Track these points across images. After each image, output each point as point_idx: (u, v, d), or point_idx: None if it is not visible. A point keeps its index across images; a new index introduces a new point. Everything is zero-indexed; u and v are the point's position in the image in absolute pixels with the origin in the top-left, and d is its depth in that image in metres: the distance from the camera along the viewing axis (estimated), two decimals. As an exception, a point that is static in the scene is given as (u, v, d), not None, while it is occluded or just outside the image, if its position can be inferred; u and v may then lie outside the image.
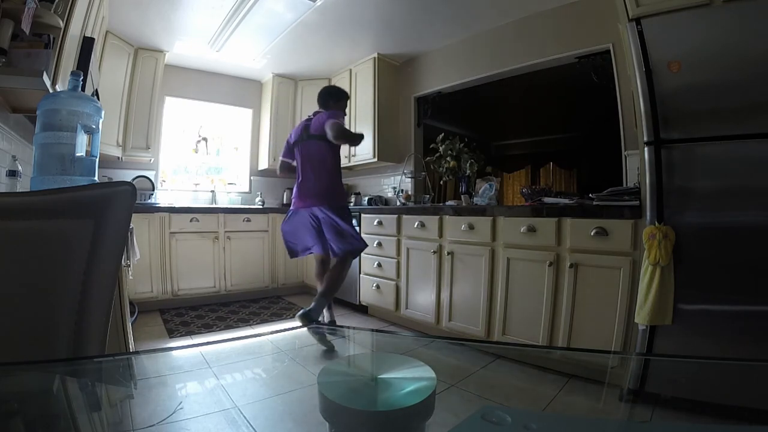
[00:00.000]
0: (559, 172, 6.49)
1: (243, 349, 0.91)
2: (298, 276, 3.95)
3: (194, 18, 2.99)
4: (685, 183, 1.51)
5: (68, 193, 0.68)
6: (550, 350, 1.99)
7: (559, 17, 2.65)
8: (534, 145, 6.47)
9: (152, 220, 3.15)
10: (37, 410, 0.48)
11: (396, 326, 2.85)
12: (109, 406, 0.57)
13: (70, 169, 1.32)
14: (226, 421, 0.54)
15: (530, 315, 2.02)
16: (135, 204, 0.72)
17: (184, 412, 0.55)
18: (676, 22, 1.52)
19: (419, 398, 0.31)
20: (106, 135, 2.78)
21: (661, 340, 1.53)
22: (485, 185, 2.77)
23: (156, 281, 3.15)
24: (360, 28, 3.19)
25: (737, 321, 1.42)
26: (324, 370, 0.36)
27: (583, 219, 1.85)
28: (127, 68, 3.30)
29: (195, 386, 0.66)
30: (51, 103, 1.33)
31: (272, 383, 0.72)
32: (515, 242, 2.11)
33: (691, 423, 0.50)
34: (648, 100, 1.55)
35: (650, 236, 1.52)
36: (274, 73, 4.12)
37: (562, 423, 0.40)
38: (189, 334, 2.60)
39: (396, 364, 0.39)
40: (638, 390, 0.58)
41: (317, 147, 2.31)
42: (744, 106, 1.40)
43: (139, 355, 1.23)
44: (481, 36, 3.15)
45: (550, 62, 2.75)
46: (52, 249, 0.64)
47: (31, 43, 1.43)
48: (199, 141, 4.20)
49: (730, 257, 1.43)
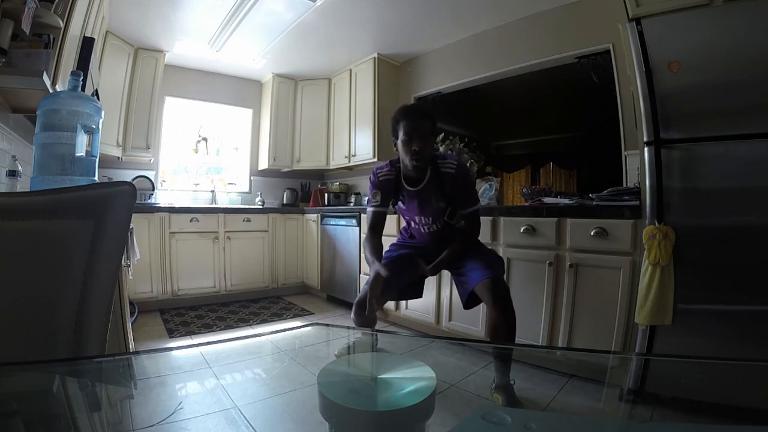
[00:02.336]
0: (559, 172, 6.49)
1: (243, 349, 0.91)
2: (298, 276, 3.95)
3: (194, 18, 2.99)
4: (685, 183, 1.51)
5: (68, 193, 0.68)
6: (550, 350, 1.99)
7: (559, 17, 2.65)
8: (534, 145, 6.46)
9: (152, 220, 3.15)
10: (37, 410, 0.48)
11: (396, 326, 2.85)
12: (109, 406, 0.57)
13: (70, 169, 1.33)
14: (226, 421, 0.54)
15: (530, 315, 2.01)
16: (135, 204, 0.72)
17: (184, 412, 0.55)
18: (676, 22, 1.52)
19: (419, 398, 0.31)
20: (106, 135, 2.78)
21: (661, 340, 1.53)
22: (485, 185, 2.76)
23: (156, 281, 3.15)
24: (360, 28, 3.19)
25: (737, 321, 1.42)
26: (324, 370, 0.36)
27: (583, 219, 1.85)
28: (127, 68, 3.30)
29: (195, 386, 0.66)
30: (51, 103, 1.33)
31: (272, 383, 0.72)
32: (515, 242, 2.11)
33: (691, 423, 0.50)
34: (648, 100, 1.55)
35: (650, 236, 1.52)
36: (274, 73, 4.12)
37: (562, 423, 0.40)
38: (189, 334, 2.60)
39: (396, 364, 0.39)
40: (638, 390, 0.58)
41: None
42: (744, 106, 1.40)
43: (139, 355, 1.23)
44: (481, 36, 3.15)
45: (550, 62, 2.75)
46: (52, 249, 0.64)
47: (31, 43, 1.43)
48: (199, 141, 4.20)
49: (730, 257, 1.43)
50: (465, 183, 1.59)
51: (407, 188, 1.62)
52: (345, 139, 3.94)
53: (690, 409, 0.46)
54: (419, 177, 1.58)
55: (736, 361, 0.86)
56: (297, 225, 3.96)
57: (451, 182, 1.55)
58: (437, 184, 1.57)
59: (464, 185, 1.59)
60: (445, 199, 1.58)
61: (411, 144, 1.49)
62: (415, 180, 1.59)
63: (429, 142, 1.53)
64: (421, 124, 1.50)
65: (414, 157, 1.50)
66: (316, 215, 3.76)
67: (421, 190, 1.59)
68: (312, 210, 3.88)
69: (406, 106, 1.60)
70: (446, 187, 1.56)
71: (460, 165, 1.58)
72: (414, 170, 1.54)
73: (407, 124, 1.50)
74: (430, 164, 1.57)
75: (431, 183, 1.57)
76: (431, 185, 1.58)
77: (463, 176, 1.58)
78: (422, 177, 1.58)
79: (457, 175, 1.55)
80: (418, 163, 1.51)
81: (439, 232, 1.66)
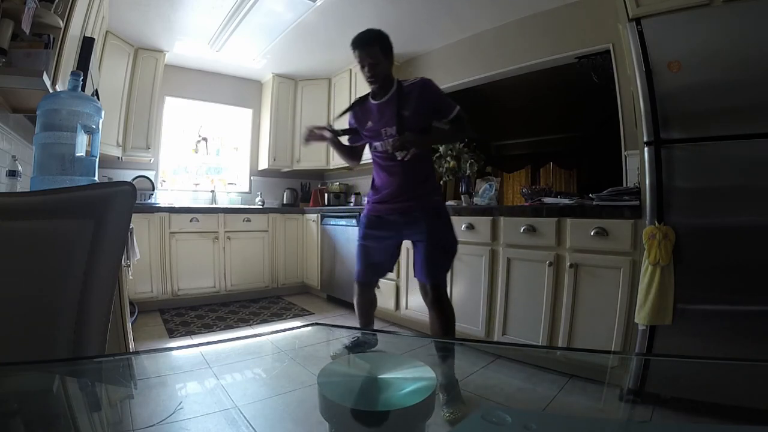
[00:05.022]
0: (559, 172, 6.49)
1: (243, 349, 0.91)
2: (298, 276, 3.95)
3: (194, 18, 2.99)
4: (685, 183, 1.51)
5: (68, 193, 0.68)
6: (550, 350, 1.99)
7: (559, 17, 2.65)
8: (534, 145, 6.45)
9: (152, 220, 3.15)
10: (37, 410, 0.48)
11: (396, 326, 2.85)
12: (109, 406, 0.57)
13: (70, 169, 1.32)
14: (226, 421, 0.54)
15: (530, 315, 2.02)
16: (135, 204, 0.72)
17: (184, 412, 0.55)
18: (676, 22, 1.52)
19: (419, 398, 0.31)
20: (106, 135, 2.78)
21: (661, 340, 1.53)
22: (485, 185, 2.77)
23: (156, 281, 3.15)
24: (360, 28, 3.16)
25: (737, 321, 1.42)
26: (324, 370, 0.36)
27: (583, 219, 1.85)
28: (127, 68, 3.30)
29: (195, 386, 0.66)
30: (51, 103, 1.33)
31: (272, 383, 0.72)
32: (515, 242, 2.11)
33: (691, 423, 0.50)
34: (648, 100, 1.55)
35: (650, 236, 1.52)
36: (274, 73, 4.12)
37: (562, 423, 0.40)
38: (189, 334, 2.60)
39: (396, 364, 0.39)
40: (638, 390, 0.58)
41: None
42: (744, 106, 1.40)
43: (139, 355, 1.23)
44: (481, 36, 3.15)
45: (550, 62, 2.75)
46: (52, 249, 0.64)
47: (31, 43, 1.43)
48: (199, 141, 4.20)
49: (730, 257, 1.43)
50: (433, 89, 1.69)
51: (372, 102, 1.74)
52: (345, 139, 3.93)
53: (690, 409, 0.46)
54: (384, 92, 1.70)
55: (736, 361, 0.86)
56: (297, 225, 3.96)
57: (419, 92, 1.65)
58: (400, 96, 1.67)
59: (434, 92, 1.69)
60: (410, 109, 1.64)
61: (363, 71, 1.67)
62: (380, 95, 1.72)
63: (381, 64, 1.65)
64: (367, 51, 1.63)
65: (368, 79, 1.67)
66: (316, 215, 3.76)
67: (386, 102, 1.69)
68: (312, 210, 3.88)
69: (355, 37, 1.69)
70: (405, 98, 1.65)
71: (423, 79, 1.70)
72: (376, 89, 1.70)
73: (357, 54, 1.65)
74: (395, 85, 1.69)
75: (395, 96, 1.68)
76: (394, 97, 1.68)
77: (428, 85, 1.68)
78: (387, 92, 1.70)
79: (422, 84, 1.67)
80: (374, 82, 1.67)
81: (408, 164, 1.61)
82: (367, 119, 1.75)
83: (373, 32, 1.66)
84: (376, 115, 1.71)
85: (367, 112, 1.75)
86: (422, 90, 1.65)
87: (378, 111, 1.70)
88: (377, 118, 1.70)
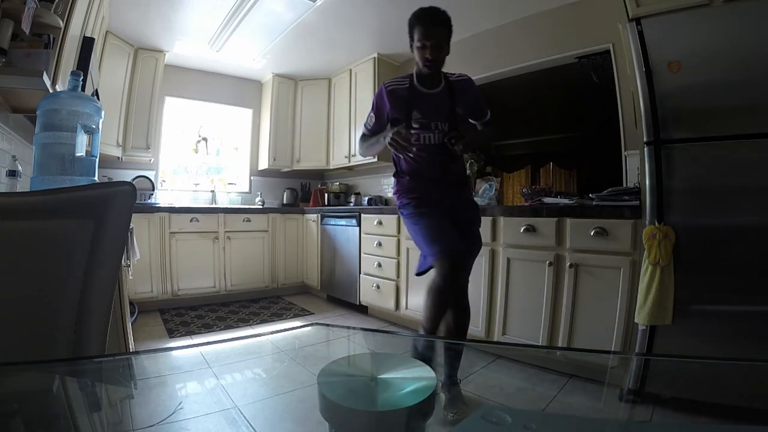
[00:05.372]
0: (559, 172, 6.48)
1: (243, 349, 0.91)
2: (298, 276, 3.95)
3: (194, 18, 2.99)
4: (685, 183, 1.51)
5: (68, 193, 0.68)
6: (550, 350, 1.99)
7: (559, 17, 2.65)
8: (534, 145, 6.45)
9: (152, 220, 3.15)
10: (37, 410, 0.48)
11: (396, 326, 2.85)
12: (109, 406, 0.57)
13: (70, 169, 1.32)
14: (226, 421, 0.54)
15: (530, 315, 2.01)
16: (135, 204, 0.72)
17: (184, 412, 0.55)
18: (676, 22, 1.52)
19: (419, 398, 0.31)
20: (106, 135, 2.78)
21: (661, 340, 1.53)
22: (485, 185, 2.77)
23: (156, 281, 3.15)
24: (360, 28, 3.19)
25: (737, 321, 1.41)
26: (324, 370, 0.36)
27: (583, 219, 1.85)
28: (127, 68, 3.30)
29: (195, 386, 0.66)
30: (51, 103, 1.33)
31: (272, 383, 0.72)
32: (515, 242, 2.11)
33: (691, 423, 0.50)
34: (648, 100, 1.55)
35: (650, 236, 1.52)
36: (274, 73, 4.12)
37: (562, 423, 0.40)
38: (189, 334, 2.60)
39: (396, 364, 0.39)
40: (638, 390, 0.58)
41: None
42: (744, 106, 1.40)
43: (139, 355, 1.23)
44: (480, 36, 3.15)
45: (550, 62, 2.75)
46: (52, 249, 0.64)
47: (31, 43, 1.43)
48: (199, 141, 4.20)
49: (730, 257, 1.43)
50: (476, 89, 1.65)
51: (423, 90, 1.58)
52: (345, 139, 3.94)
53: (690, 409, 0.46)
54: (435, 82, 1.57)
55: (736, 361, 0.86)
56: (297, 225, 3.96)
57: (465, 89, 1.59)
58: (450, 92, 1.58)
59: (477, 91, 1.65)
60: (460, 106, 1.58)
61: (424, 51, 1.47)
62: (430, 84, 1.58)
63: (444, 49, 1.51)
64: (436, 32, 1.46)
65: (426, 63, 1.49)
66: (316, 215, 3.76)
67: (437, 94, 1.57)
68: (312, 210, 3.88)
69: (423, 9, 1.51)
70: (458, 95, 1.58)
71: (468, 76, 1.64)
72: (427, 75, 1.55)
73: (421, 31, 1.46)
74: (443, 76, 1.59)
75: (446, 89, 1.58)
76: (446, 91, 1.58)
77: (473, 84, 1.64)
78: (437, 83, 1.58)
79: (469, 82, 1.61)
80: (432, 67, 1.50)
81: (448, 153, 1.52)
82: (414, 107, 1.56)
83: (445, 14, 1.50)
84: (429, 107, 1.56)
85: (416, 100, 1.57)
86: (469, 88, 1.61)
87: (430, 102, 1.56)
88: (428, 111, 1.55)
